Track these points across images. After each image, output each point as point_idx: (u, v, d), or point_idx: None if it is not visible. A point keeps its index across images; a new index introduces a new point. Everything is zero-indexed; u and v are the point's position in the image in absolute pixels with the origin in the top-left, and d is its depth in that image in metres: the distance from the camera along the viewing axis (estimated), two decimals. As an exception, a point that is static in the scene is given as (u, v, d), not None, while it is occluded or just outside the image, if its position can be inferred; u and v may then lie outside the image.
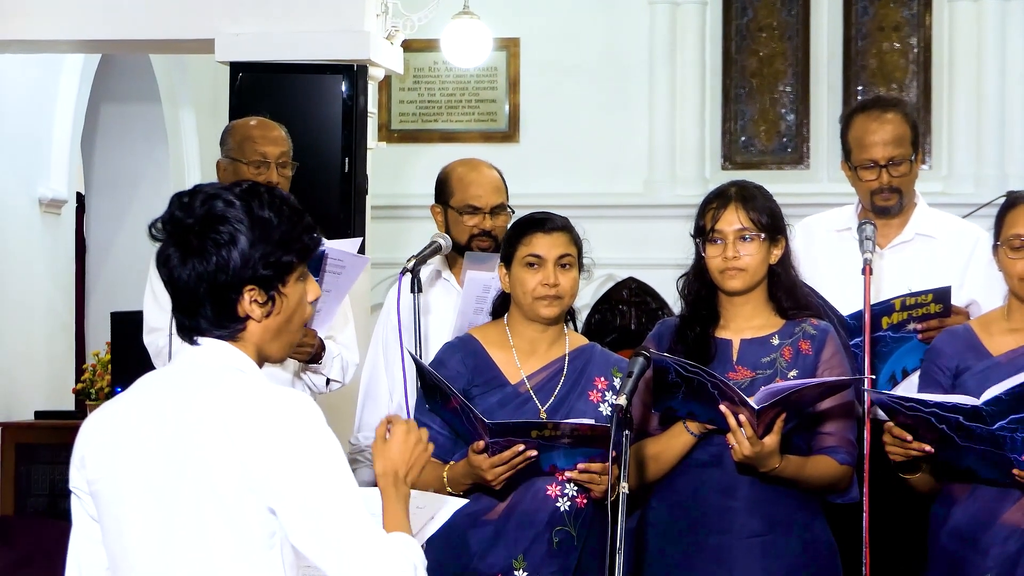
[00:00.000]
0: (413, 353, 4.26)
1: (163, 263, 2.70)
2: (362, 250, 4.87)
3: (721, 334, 3.99)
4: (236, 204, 2.67)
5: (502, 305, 4.07)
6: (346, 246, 4.64)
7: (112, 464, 2.70)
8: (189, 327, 2.72)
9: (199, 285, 2.66)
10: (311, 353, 4.64)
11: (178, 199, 2.70)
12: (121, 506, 2.69)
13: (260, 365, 2.74)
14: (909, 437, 3.81)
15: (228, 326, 2.69)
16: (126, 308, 7.57)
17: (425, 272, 4.68)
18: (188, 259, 2.66)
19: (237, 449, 2.61)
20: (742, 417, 3.74)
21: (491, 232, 4.64)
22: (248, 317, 2.69)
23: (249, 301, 2.68)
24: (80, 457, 2.75)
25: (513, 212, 4.59)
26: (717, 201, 3.98)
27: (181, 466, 2.64)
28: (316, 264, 4.41)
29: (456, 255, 4.71)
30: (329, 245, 4.51)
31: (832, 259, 4.54)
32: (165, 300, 2.98)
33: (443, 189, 4.75)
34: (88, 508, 2.76)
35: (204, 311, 2.68)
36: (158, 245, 2.71)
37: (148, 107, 9.48)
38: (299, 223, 2.72)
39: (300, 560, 2.70)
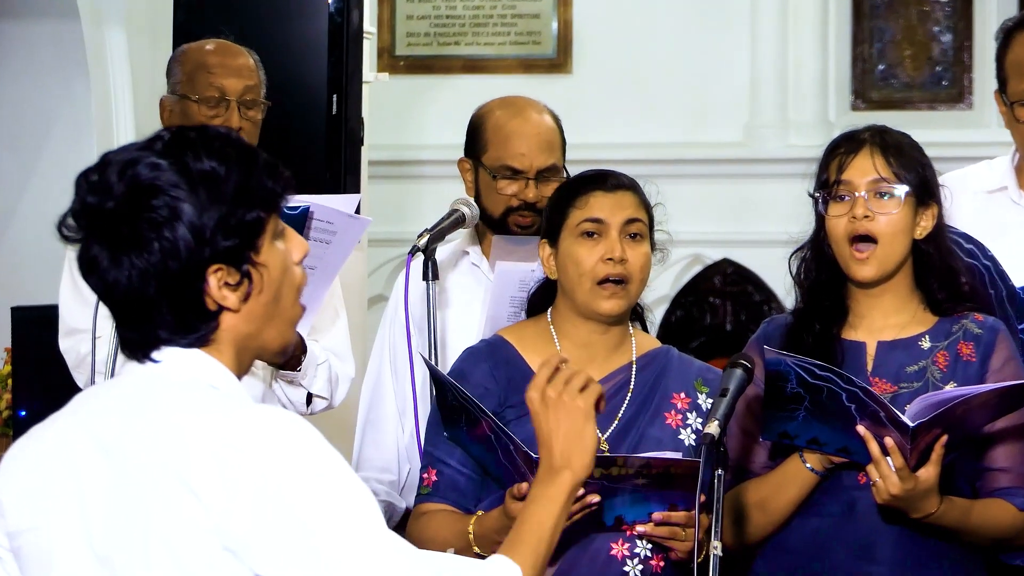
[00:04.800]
0: (428, 360, 4.23)
1: (90, 270, 2.71)
2: (359, 211, 4.86)
3: (850, 335, 4.02)
4: (163, 164, 2.67)
5: (543, 298, 4.09)
6: (338, 203, 4.60)
7: (40, 513, 2.71)
8: (143, 342, 2.72)
9: (146, 285, 2.67)
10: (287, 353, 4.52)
11: (85, 180, 2.70)
12: (51, 569, 2.70)
13: (244, 371, 2.76)
14: None
15: (198, 327, 2.70)
16: (32, 302, 7.60)
17: (444, 251, 4.70)
18: (121, 256, 2.67)
19: (204, 497, 2.60)
20: (889, 442, 3.72)
21: (535, 205, 4.60)
22: (221, 308, 2.70)
23: (218, 286, 2.69)
24: None
25: (568, 178, 4.51)
26: (846, 145, 4.00)
27: (129, 517, 2.64)
28: (299, 227, 4.39)
29: (487, 229, 4.73)
30: (315, 202, 4.48)
31: (982, 229, 4.54)
32: (89, 291, 3.00)
33: (475, 139, 4.75)
34: (9, 570, 2.77)
35: (161, 317, 2.69)
36: (76, 248, 2.71)
37: (63, 26, 9.52)
38: (254, 164, 2.73)
39: None
